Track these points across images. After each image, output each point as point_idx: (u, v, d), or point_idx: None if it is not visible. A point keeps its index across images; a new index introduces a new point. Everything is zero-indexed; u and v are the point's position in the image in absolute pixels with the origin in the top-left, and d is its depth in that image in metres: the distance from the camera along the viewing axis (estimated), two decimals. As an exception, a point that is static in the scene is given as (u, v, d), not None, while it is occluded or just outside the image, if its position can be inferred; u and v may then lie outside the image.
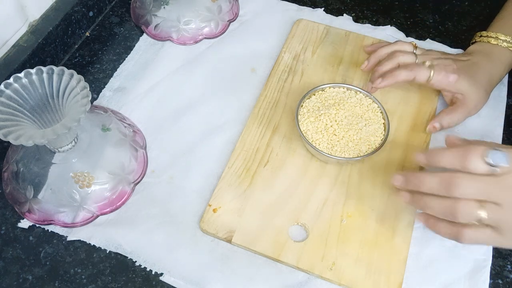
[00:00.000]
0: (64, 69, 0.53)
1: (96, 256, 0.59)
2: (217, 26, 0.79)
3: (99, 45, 0.78)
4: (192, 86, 0.74)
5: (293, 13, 0.82)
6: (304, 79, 0.73)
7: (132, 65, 0.76)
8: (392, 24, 0.81)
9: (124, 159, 0.62)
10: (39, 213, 0.59)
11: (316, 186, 0.63)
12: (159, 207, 0.62)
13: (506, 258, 0.60)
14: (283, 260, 0.58)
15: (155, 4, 0.77)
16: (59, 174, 0.58)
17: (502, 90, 0.73)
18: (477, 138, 0.68)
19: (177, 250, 0.59)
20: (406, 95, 0.71)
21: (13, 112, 0.52)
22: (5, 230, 0.60)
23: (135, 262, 0.58)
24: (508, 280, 0.58)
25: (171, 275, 0.57)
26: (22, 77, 0.53)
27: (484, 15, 0.83)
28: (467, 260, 0.59)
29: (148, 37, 0.79)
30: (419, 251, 0.59)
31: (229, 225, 0.60)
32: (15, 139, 0.49)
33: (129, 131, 0.65)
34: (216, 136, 0.68)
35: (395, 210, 0.61)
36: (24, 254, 0.59)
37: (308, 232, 0.60)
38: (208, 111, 0.71)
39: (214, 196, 0.62)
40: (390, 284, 0.56)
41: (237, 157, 0.65)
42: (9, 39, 0.68)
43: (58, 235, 0.60)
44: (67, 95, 0.53)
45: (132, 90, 0.73)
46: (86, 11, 0.77)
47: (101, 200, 0.60)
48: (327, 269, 0.57)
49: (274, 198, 0.62)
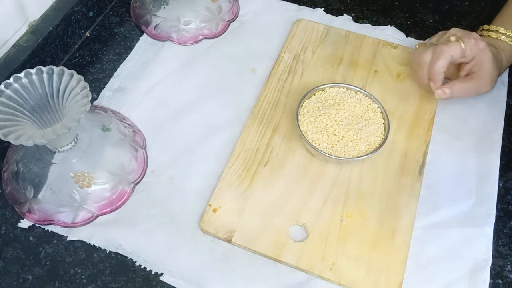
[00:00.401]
0: (64, 69, 0.53)
1: (96, 256, 0.59)
2: (217, 26, 0.79)
3: (99, 45, 0.78)
4: (192, 86, 0.74)
5: (293, 13, 0.82)
6: (304, 79, 0.73)
7: (132, 65, 0.76)
8: (392, 24, 0.81)
9: (124, 159, 0.62)
10: (39, 213, 0.59)
11: (316, 186, 0.63)
12: (159, 207, 0.62)
13: (506, 258, 0.60)
14: (283, 260, 0.58)
15: (155, 4, 0.77)
16: (59, 174, 0.58)
17: (502, 90, 0.73)
18: (477, 138, 0.68)
19: (177, 250, 0.59)
20: (406, 95, 0.71)
21: (13, 112, 0.52)
22: (5, 230, 0.60)
23: (135, 262, 0.58)
24: (508, 280, 0.58)
25: (171, 275, 0.57)
26: (22, 77, 0.53)
27: (484, 15, 0.83)
28: (467, 260, 0.59)
29: (148, 37, 0.79)
30: (419, 251, 0.59)
31: (229, 225, 0.60)
32: (15, 139, 0.49)
33: (129, 131, 0.65)
34: (216, 136, 0.68)
35: (395, 210, 0.61)
36: (24, 254, 0.59)
37: (308, 232, 0.60)
38: (208, 111, 0.71)
39: (214, 196, 0.62)
40: (390, 284, 0.56)
41: (237, 157, 0.65)
42: (9, 39, 0.68)
43: (58, 235, 0.60)
44: (67, 95, 0.53)
45: (132, 90, 0.73)
46: (86, 11, 0.77)
47: (101, 200, 0.60)
48: (327, 269, 0.57)
49: (274, 198, 0.62)
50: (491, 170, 0.66)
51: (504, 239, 0.61)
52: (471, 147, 0.68)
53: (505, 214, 0.63)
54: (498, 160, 0.66)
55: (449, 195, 0.63)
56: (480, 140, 0.68)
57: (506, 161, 0.67)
